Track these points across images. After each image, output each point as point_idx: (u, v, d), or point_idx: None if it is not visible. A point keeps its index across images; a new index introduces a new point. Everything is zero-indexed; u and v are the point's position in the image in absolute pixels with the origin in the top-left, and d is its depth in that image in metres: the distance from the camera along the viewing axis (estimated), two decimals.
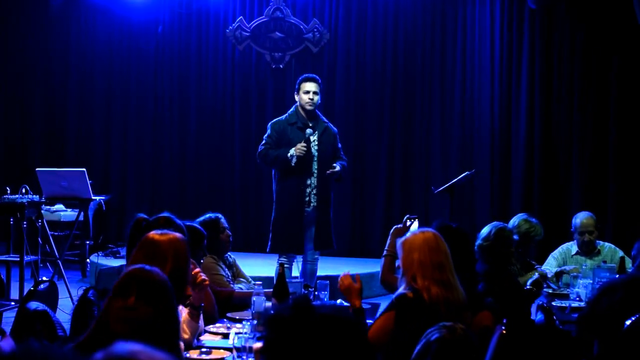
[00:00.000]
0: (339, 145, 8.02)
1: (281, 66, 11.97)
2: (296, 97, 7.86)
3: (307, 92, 7.72)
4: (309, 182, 7.66)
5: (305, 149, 7.58)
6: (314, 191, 7.67)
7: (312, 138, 7.65)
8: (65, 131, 12.49)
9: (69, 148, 12.34)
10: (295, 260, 7.81)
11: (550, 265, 7.24)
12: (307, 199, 7.66)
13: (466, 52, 11.53)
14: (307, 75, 8.01)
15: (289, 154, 7.55)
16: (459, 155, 11.36)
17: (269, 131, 7.79)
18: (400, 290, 4.26)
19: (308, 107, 7.69)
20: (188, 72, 12.42)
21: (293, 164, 7.54)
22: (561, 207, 10.71)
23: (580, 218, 7.25)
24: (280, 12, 12.04)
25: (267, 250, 7.84)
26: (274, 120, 7.91)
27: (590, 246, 7.16)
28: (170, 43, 12.45)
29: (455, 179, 8.34)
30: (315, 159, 7.67)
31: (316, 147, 7.69)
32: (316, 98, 7.75)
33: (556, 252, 7.36)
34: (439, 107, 11.62)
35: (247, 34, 12.11)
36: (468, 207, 11.16)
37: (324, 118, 7.94)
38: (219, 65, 12.36)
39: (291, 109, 7.90)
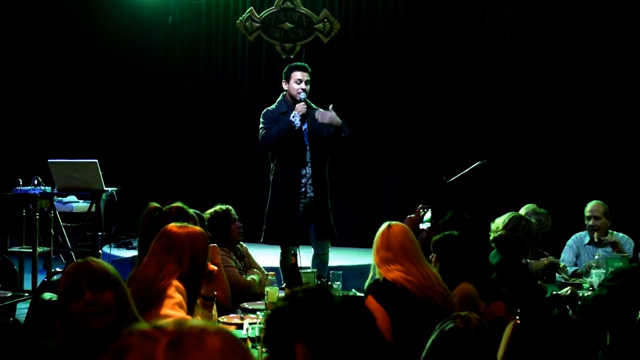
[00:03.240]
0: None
1: (291, 57, 11.94)
2: (285, 86, 7.68)
3: (299, 82, 7.58)
4: (303, 172, 7.53)
5: (305, 107, 7.50)
6: (309, 181, 7.52)
7: (303, 127, 7.54)
8: (76, 122, 12.51)
9: (81, 139, 12.35)
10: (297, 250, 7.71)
11: (567, 254, 7.26)
12: (302, 189, 7.54)
13: (478, 42, 11.49)
14: (296, 63, 7.86)
15: (290, 116, 7.43)
16: (471, 145, 11.31)
17: (263, 118, 7.62)
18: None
19: (299, 97, 7.56)
20: (198, 63, 12.44)
21: (297, 125, 7.44)
22: (572, 196, 10.66)
23: (589, 204, 7.27)
24: (291, 2, 12.03)
25: (261, 240, 7.77)
26: (265, 109, 7.73)
27: (596, 232, 7.14)
28: (180, 34, 12.46)
29: (467, 169, 8.32)
30: (308, 148, 7.53)
31: (307, 136, 7.55)
32: (307, 87, 7.63)
33: (571, 241, 7.38)
34: (450, 96, 11.59)
35: (258, 24, 12.11)
36: (480, 197, 11.12)
37: (312, 105, 7.77)
38: (229, 56, 12.36)
39: (279, 98, 7.76)
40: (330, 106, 7.52)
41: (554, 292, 5.65)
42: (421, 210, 6.16)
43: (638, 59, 10.86)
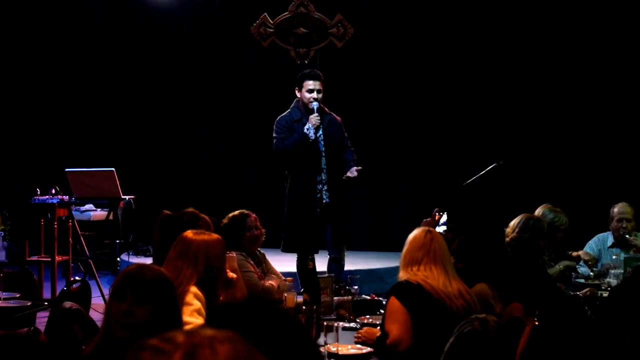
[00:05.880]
0: (345, 134, 7.87)
1: (306, 62, 11.95)
2: (298, 94, 7.69)
3: (311, 91, 7.58)
4: (319, 178, 7.53)
5: (319, 119, 7.52)
6: (325, 187, 7.51)
7: (317, 134, 7.54)
8: (93, 131, 12.54)
9: (98, 148, 12.39)
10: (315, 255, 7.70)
11: None
12: (318, 195, 7.56)
13: (491, 45, 11.46)
14: (308, 71, 7.83)
15: (304, 129, 7.47)
16: (486, 146, 11.28)
17: (277, 127, 7.65)
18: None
19: (311, 106, 7.56)
20: (212, 70, 12.44)
21: (312, 137, 7.46)
22: (590, 196, 10.62)
23: (618, 206, 7.21)
24: (304, 7, 12.04)
25: (281, 249, 7.80)
26: (279, 117, 7.76)
27: (626, 236, 7.07)
28: (194, 41, 12.46)
29: (483, 171, 8.30)
30: (323, 154, 7.51)
31: (322, 142, 7.56)
32: (320, 96, 7.64)
33: (592, 242, 7.31)
34: (463, 98, 11.56)
35: (271, 30, 12.12)
36: (496, 198, 11.09)
37: (326, 109, 7.77)
38: (244, 62, 12.37)
39: (292, 104, 7.77)
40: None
41: (573, 293, 5.65)
42: (437, 214, 6.16)
43: None
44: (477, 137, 11.42)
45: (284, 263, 8.16)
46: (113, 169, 8.97)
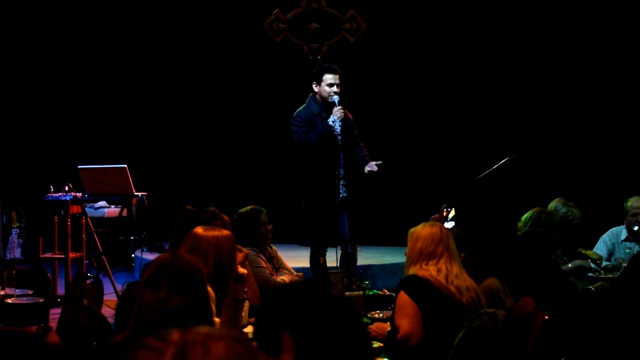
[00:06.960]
0: (356, 130, 7.89)
1: (319, 57, 11.93)
2: (315, 88, 7.70)
3: (332, 85, 7.60)
4: (337, 172, 7.55)
5: (343, 112, 7.54)
6: (342, 182, 7.56)
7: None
8: (105, 128, 12.57)
9: (110, 145, 12.42)
10: (327, 250, 7.72)
11: (600, 249, 7.19)
12: (335, 190, 7.57)
13: (498, 41, 11.44)
14: (327, 65, 7.86)
15: (330, 122, 7.49)
16: (497, 141, 11.24)
17: (298, 121, 7.63)
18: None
19: (332, 100, 7.59)
20: (224, 66, 12.44)
21: (337, 129, 7.49)
22: (603, 191, 10.57)
23: (632, 200, 7.19)
24: (317, 2, 12.01)
25: (299, 243, 7.82)
26: (296, 112, 7.75)
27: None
28: (206, 37, 12.46)
29: (495, 166, 8.28)
30: (341, 149, 7.58)
31: (339, 137, 7.60)
32: (338, 90, 7.65)
33: (605, 236, 7.30)
34: (475, 91, 11.53)
35: (284, 25, 12.10)
36: (508, 193, 11.05)
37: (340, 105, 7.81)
38: (256, 59, 12.36)
39: (309, 99, 7.78)
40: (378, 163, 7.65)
41: (585, 287, 5.62)
42: (445, 209, 6.15)
43: None
44: (488, 132, 11.39)
45: (295, 258, 8.17)
46: (125, 165, 8.98)
